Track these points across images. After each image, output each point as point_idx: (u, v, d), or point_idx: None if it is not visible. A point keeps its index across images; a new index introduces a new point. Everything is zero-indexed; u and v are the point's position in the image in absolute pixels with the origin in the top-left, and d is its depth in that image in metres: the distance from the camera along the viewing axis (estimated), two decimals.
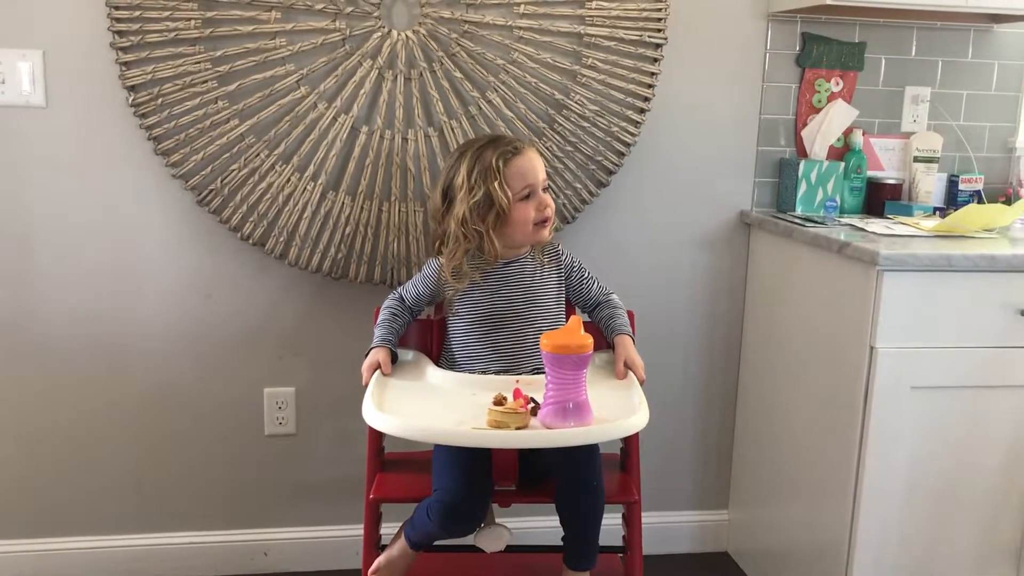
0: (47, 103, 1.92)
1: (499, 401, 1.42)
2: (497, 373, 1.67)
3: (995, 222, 1.99)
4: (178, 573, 2.15)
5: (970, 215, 1.95)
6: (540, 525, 1.63)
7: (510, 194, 1.67)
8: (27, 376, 2.03)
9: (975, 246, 1.80)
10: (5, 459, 2.05)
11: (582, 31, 1.99)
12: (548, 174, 1.82)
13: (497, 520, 1.66)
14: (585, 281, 1.80)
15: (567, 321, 1.47)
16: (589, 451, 1.56)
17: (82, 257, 1.99)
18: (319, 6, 1.91)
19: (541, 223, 1.71)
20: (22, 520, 2.09)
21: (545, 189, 1.72)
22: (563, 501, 1.59)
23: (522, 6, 1.97)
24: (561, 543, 1.63)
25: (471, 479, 1.54)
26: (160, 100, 1.89)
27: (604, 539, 1.81)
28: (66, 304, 2.01)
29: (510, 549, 1.66)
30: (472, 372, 1.68)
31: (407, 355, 1.75)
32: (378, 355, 1.65)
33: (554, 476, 1.59)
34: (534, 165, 1.70)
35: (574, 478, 1.56)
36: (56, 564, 2.10)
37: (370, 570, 1.66)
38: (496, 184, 1.66)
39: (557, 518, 1.61)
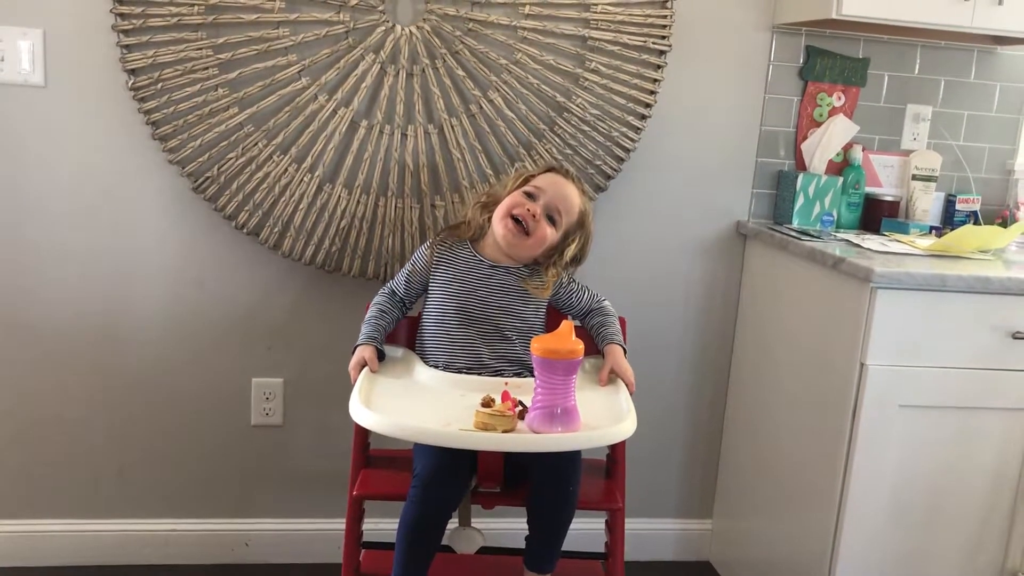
0: (46, 83, 1.91)
1: (487, 403, 1.41)
2: (459, 371, 1.66)
3: (990, 244, 1.99)
4: (159, 560, 2.14)
5: (966, 236, 1.95)
6: (516, 527, 1.63)
7: (510, 187, 1.77)
8: (14, 357, 2.01)
9: (970, 267, 1.80)
10: None
11: (586, 34, 1.99)
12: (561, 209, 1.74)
13: (473, 523, 1.66)
14: (575, 293, 1.79)
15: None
16: (571, 457, 1.55)
17: (75, 239, 1.98)
18: None
19: (516, 226, 1.69)
20: (1, 501, 2.07)
21: (554, 222, 1.72)
22: (536, 503, 1.57)
23: (527, 7, 1.96)
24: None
25: (450, 454, 1.51)
26: (160, 85, 1.88)
27: (586, 545, 1.81)
28: (57, 285, 2.00)
29: (483, 551, 1.66)
30: (436, 366, 1.67)
31: (396, 352, 1.74)
32: (364, 352, 1.64)
33: (531, 475, 1.57)
34: (558, 189, 1.73)
35: (552, 482, 1.55)
36: (35, 546, 2.09)
37: None
38: (515, 180, 1.78)
39: None
